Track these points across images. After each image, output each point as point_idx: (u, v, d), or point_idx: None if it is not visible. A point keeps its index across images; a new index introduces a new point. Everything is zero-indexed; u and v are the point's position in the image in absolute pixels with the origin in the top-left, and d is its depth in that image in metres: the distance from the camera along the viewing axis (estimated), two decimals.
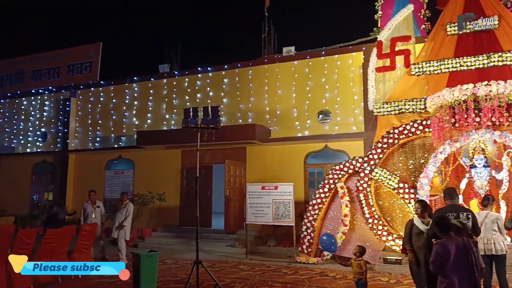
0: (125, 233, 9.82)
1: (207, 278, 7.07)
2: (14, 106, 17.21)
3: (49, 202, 15.73)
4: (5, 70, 18.07)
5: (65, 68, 16.77)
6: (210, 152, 13.23)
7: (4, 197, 16.51)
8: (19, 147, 16.76)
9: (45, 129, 16.40)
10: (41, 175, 16.20)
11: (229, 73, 13.61)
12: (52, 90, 16.59)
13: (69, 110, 15.63)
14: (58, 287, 7.24)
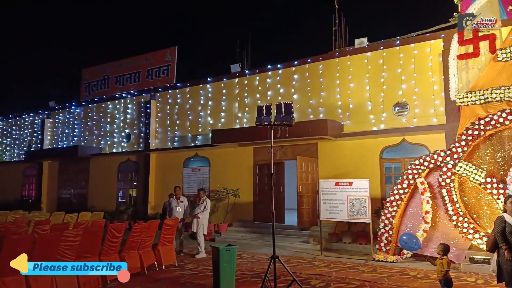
0: (203, 228, 10.26)
1: (283, 273, 7.14)
2: (101, 110, 18.70)
3: (133, 198, 16.94)
4: (93, 77, 19.72)
5: (145, 72, 17.88)
6: (280, 149, 13.29)
7: (94, 194, 18.08)
8: (106, 147, 18.20)
9: (129, 130, 17.63)
10: (125, 173, 17.45)
11: (299, 69, 13.55)
12: (134, 94, 17.77)
13: (150, 112, 16.63)
14: (143, 278, 7.75)
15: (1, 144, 22.85)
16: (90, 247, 6.94)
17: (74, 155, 17.83)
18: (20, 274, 5.66)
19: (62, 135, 19.97)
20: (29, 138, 21.46)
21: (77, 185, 19.03)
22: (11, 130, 22.54)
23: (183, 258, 9.74)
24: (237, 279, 7.06)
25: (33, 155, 20.02)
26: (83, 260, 6.75)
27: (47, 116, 20.65)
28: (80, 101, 19.72)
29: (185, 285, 7.14)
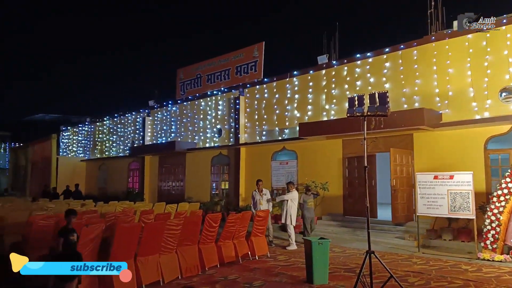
0: (291, 219, 10.32)
1: (378, 269, 6.91)
2: (195, 107, 19.77)
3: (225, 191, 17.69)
4: (187, 76, 20.91)
5: (234, 69, 18.48)
6: (371, 141, 12.81)
7: (190, 186, 19.21)
8: (200, 142, 19.20)
9: (220, 126, 18.40)
10: (218, 166, 18.26)
11: (391, 56, 12.91)
12: (224, 91, 18.48)
13: (239, 107, 17.17)
14: (239, 266, 8.07)
15: (109, 140, 25.36)
16: (190, 235, 7.41)
17: (171, 150, 19.13)
18: (131, 258, 6.30)
19: (161, 132, 21.53)
20: (132, 135, 23.50)
21: (175, 178, 20.40)
22: (117, 128, 24.88)
23: (275, 249, 9.94)
24: (330, 273, 7.02)
25: (136, 150, 21.89)
26: (184, 247, 7.27)
27: (148, 114, 22.41)
28: (176, 100, 21.05)
29: (278, 275, 7.28)
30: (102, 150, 25.79)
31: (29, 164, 29.53)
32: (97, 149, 26.27)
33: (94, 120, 26.99)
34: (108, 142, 25.39)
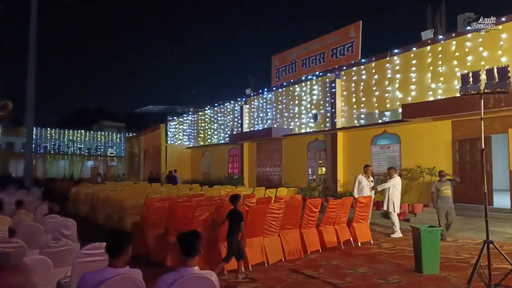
0: (394, 206, 9.86)
1: (495, 260, 6.32)
2: (289, 93, 19.86)
3: (323, 176, 17.57)
4: (282, 63, 21.05)
5: (329, 52, 18.11)
6: (486, 121, 11.58)
7: (287, 171, 19.46)
8: (296, 128, 19.28)
9: (316, 111, 18.25)
10: (314, 151, 18.18)
11: (509, 27, 11.48)
12: (319, 75, 18.22)
13: (335, 91, 16.81)
14: (341, 252, 8.00)
15: (210, 129, 26.78)
16: (292, 219, 7.54)
17: (268, 137, 19.54)
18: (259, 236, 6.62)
19: (258, 119, 22.09)
20: (231, 123, 24.50)
21: (272, 163, 20.84)
22: (217, 117, 26.15)
23: (378, 236, 9.64)
24: (441, 263, 6.60)
25: (235, 137, 22.80)
26: (286, 231, 7.43)
27: (245, 102, 23.13)
28: (272, 87, 21.36)
29: (383, 263, 7.07)
30: (205, 138, 27.36)
31: (142, 151, 32.56)
32: (200, 137, 27.94)
33: (196, 110, 28.69)
34: (210, 130, 26.83)
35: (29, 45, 20.03)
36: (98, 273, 2.76)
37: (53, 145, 43.01)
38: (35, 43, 20.10)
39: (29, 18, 19.93)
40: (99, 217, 11.94)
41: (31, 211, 8.45)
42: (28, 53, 20.05)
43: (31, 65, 19.84)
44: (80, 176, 36.04)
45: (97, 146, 45.84)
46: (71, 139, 43.98)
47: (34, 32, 19.95)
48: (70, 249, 5.09)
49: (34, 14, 19.69)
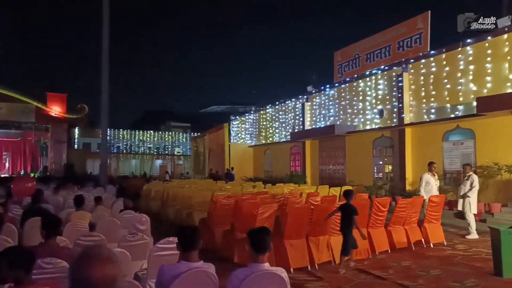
0: (470, 206, 9.25)
1: None
2: (353, 88, 19.37)
3: (389, 174, 16.93)
4: (345, 58, 20.62)
5: (395, 44, 17.40)
6: None
7: (351, 169, 19.01)
8: (360, 124, 18.77)
9: (381, 106, 17.63)
10: (380, 148, 17.58)
11: None
12: (384, 69, 17.57)
13: (402, 85, 16.12)
14: (412, 253, 7.66)
15: (272, 127, 26.93)
16: (360, 218, 7.34)
17: (331, 134, 19.22)
18: (302, 237, 6.61)
19: (320, 116, 21.82)
20: (293, 120, 24.44)
21: (335, 161, 20.49)
22: (279, 115, 26.22)
23: (452, 237, 9.10)
24: None
25: (296, 135, 22.71)
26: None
27: (306, 100, 22.95)
28: (334, 83, 20.98)
29: (458, 265, 6.67)
30: (266, 136, 27.57)
31: (206, 150, 33.57)
32: (262, 135, 28.20)
33: (258, 109, 29.00)
34: (271, 129, 26.99)
35: (102, 52, 21.43)
36: (174, 266, 2.89)
37: (125, 145, 45.72)
38: (108, 50, 21.46)
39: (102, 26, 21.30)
40: (169, 213, 12.49)
41: (108, 207, 9.06)
42: (101, 60, 21.46)
43: (105, 71, 21.20)
44: (150, 174, 37.98)
45: (164, 146, 47.95)
46: (141, 139, 46.46)
47: (107, 40, 21.30)
48: (145, 243, 5.39)
49: (106, 22, 21.02)
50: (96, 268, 1.40)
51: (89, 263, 1.41)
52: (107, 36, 21.04)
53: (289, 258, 6.18)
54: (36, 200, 7.54)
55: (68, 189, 13.63)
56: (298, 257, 6.37)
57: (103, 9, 20.60)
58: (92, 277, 1.39)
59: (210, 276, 2.91)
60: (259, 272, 2.84)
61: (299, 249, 6.47)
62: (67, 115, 35.82)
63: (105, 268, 1.41)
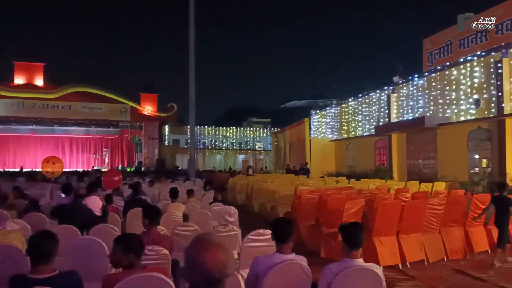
0: None
1: None
2: (445, 77, 18.04)
3: (486, 169, 15.54)
4: (435, 45, 19.32)
5: (493, 28, 15.86)
6: None
7: (443, 163, 17.78)
8: (453, 116, 17.46)
9: (477, 96, 16.21)
10: (476, 141, 16.20)
11: None
12: (481, 55, 16.11)
13: (501, 72, 14.66)
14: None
15: (354, 121, 26.19)
16: (454, 216, 6.90)
17: (420, 126, 18.16)
18: (393, 235, 6.37)
19: (407, 108, 20.72)
20: (377, 113, 23.52)
21: (425, 155, 19.32)
22: (361, 108, 25.40)
23: None
24: None
25: (381, 129, 21.83)
26: (448, 228, 6.84)
27: (392, 91, 21.93)
28: (423, 72, 19.76)
29: None
30: (349, 130, 26.90)
31: (287, 145, 33.72)
32: (344, 129, 27.57)
33: (340, 102, 28.41)
34: (354, 122, 26.26)
35: (189, 53, 22.56)
36: (268, 257, 2.98)
37: (210, 141, 47.78)
38: (194, 51, 22.53)
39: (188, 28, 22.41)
40: (254, 205, 12.83)
41: (198, 199, 9.57)
42: (188, 61, 22.60)
43: (191, 72, 22.31)
44: (233, 168, 39.28)
45: (246, 141, 49.19)
46: (224, 135, 48.20)
47: (193, 41, 22.37)
48: (235, 234, 5.61)
49: (191, 26, 22.08)
50: (209, 253, 1.51)
51: (203, 249, 1.53)
52: (193, 38, 22.09)
53: (378, 255, 5.99)
54: (137, 192, 8.23)
55: (162, 182, 14.65)
56: (388, 255, 6.15)
57: (189, 11, 21.65)
58: (206, 261, 1.49)
59: (303, 269, 2.95)
60: (353, 268, 2.81)
61: (389, 246, 6.25)
62: (158, 114, 38.40)
63: (217, 253, 1.51)
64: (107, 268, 3.95)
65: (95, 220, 5.81)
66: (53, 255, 2.70)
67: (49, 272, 2.63)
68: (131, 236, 2.90)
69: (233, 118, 56.84)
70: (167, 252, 3.99)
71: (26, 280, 2.58)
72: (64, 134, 39.07)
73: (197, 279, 1.51)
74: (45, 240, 2.67)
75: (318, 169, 24.44)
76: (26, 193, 8.76)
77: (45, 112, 34.38)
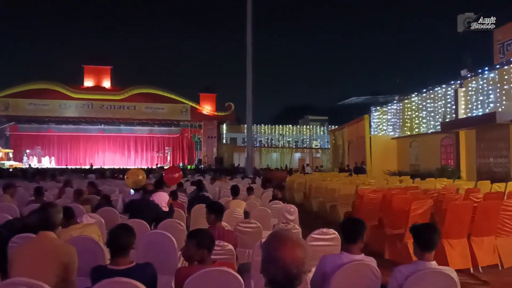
0: None
1: None
2: None
3: None
4: (507, 36, 17.95)
5: None
6: None
7: None
8: None
9: None
10: None
11: None
12: None
13: None
14: None
15: (418, 117, 25.03)
16: None
17: (491, 123, 16.95)
18: (463, 237, 6.02)
19: (476, 103, 19.43)
20: (443, 109, 22.29)
21: (496, 154, 18.01)
22: (426, 104, 24.21)
23: None
24: None
25: (448, 125, 20.65)
26: None
27: (460, 85, 20.66)
28: (494, 65, 18.44)
29: None
30: (412, 127, 25.75)
31: (345, 143, 33.04)
32: (406, 126, 26.45)
33: (402, 98, 27.29)
34: (417, 119, 25.11)
35: (247, 53, 22.82)
36: (336, 257, 2.95)
37: (266, 139, 48.05)
38: (252, 51, 22.75)
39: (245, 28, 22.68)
40: (312, 204, 12.73)
41: (257, 197, 9.68)
42: (245, 61, 22.88)
43: (249, 72, 22.58)
44: (289, 166, 39.22)
45: (303, 139, 48.85)
46: (281, 133, 48.21)
47: (250, 42, 22.60)
48: (297, 233, 5.61)
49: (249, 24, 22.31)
50: (287, 249, 1.53)
51: (281, 244, 1.55)
52: (250, 38, 22.33)
53: (448, 258, 5.70)
54: (200, 188, 8.49)
55: (221, 180, 14.99)
56: (458, 258, 5.83)
57: (247, 12, 21.90)
58: (284, 257, 1.51)
59: (372, 270, 2.88)
60: (425, 270, 2.70)
61: (459, 249, 5.92)
62: (216, 113, 39.32)
63: (295, 249, 1.53)
64: (176, 262, 4.12)
65: (163, 215, 6.09)
66: (131, 248, 2.87)
67: (127, 263, 2.79)
68: (203, 231, 3.00)
69: (289, 116, 56.69)
70: (232, 248, 4.08)
71: (106, 271, 2.77)
72: (129, 133, 41.30)
73: (275, 274, 1.53)
74: (124, 234, 2.85)
75: (379, 168, 23.70)
76: (99, 189, 9.36)
77: (112, 113, 36.50)
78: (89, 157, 39.40)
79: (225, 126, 44.64)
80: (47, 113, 35.60)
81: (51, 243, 3.01)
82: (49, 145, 39.58)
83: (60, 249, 2.98)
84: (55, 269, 2.88)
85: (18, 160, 35.80)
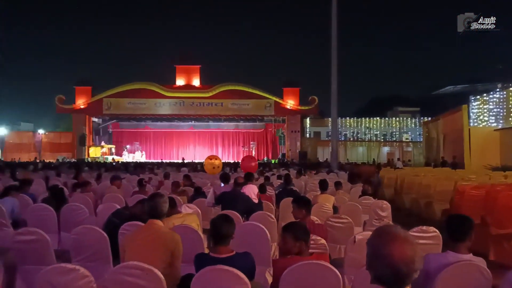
0: None
1: None
2: None
3: None
4: None
5: None
6: None
7: None
8: None
9: None
10: None
11: None
12: None
13: None
14: None
15: None
16: None
17: None
18: None
19: None
20: None
21: None
22: None
23: None
24: None
25: None
26: None
27: None
28: None
29: None
30: None
31: (440, 136, 30.84)
32: None
33: (506, 86, 24.71)
34: None
35: (331, 44, 22.35)
36: (441, 256, 2.79)
37: (352, 133, 46.74)
38: (336, 43, 22.23)
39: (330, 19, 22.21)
40: (404, 200, 12.14)
41: (346, 192, 9.49)
42: (330, 53, 22.43)
43: (334, 64, 22.11)
44: (378, 161, 37.74)
45: (392, 132, 46.62)
46: (367, 126, 46.54)
47: (335, 33, 22.10)
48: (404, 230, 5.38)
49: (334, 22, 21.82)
50: (396, 246, 1.48)
51: (389, 241, 1.51)
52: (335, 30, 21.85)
53: None
54: (287, 182, 8.57)
55: (306, 174, 14.97)
56: None
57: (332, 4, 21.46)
58: (393, 254, 1.47)
59: (482, 271, 2.67)
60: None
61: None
62: (300, 107, 39.23)
63: (404, 247, 1.48)
64: (270, 253, 4.22)
65: (254, 207, 6.26)
66: (231, 237, 3.01)
67: (227, 252, 2.93)
68: (298, 224, 3.03)
69: (376, 108, 54.43)
70: (325, 242, 4.05)
71: (208, 258, 2.93)
72: (217, 129, 43.17)
73: (383, 271, 1.49)
74: (225, 223, 2.99)
75: (478, 162, 21.76)
76: (193, 181, 9.92)
77: (202, 110, 38.41)
78: (181, 151, 41.93)
79: (308, 120, 44.35)
80: (144, 111, 38.63)
81: (159, 230, 3.27)
82: (146, 140, 42.94)
83: (167, 237, 3.23)
84: (162, 255, 3.13)
85: (119, 154, 39.43)
